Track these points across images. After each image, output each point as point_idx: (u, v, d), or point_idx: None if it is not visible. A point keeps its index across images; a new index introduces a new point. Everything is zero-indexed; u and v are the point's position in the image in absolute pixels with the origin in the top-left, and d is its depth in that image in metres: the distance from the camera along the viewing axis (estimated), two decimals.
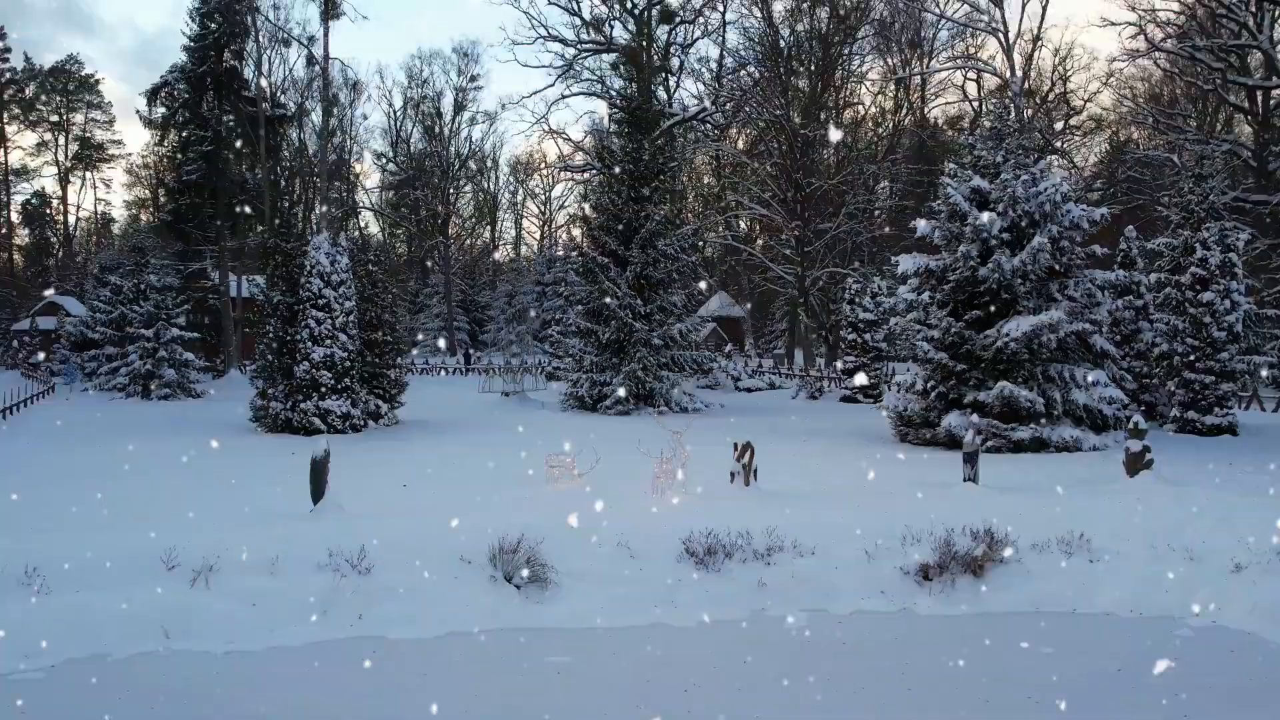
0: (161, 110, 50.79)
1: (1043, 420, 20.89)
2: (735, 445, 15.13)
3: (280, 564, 11.56)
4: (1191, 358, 24.27)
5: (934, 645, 10.55)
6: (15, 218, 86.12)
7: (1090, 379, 21.16)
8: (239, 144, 50.76)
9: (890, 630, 11.28)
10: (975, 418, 16.27)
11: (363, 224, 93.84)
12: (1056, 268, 21.67)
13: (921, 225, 22.88)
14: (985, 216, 21.10)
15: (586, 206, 35.40)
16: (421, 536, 12.76)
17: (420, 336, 75.55)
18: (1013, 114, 23.47)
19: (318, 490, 13.62)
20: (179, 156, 49.94)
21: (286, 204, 26.14)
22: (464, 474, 18.32)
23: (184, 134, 49.53)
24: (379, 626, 10.86)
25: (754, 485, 15.04)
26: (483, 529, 12.78)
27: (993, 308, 21.55)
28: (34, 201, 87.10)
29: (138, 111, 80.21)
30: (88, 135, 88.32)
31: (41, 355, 50.29)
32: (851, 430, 25.79)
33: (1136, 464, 15.89)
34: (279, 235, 26.84)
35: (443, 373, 52.76)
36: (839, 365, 42.72)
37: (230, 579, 11.25)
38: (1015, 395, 20.42)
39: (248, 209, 47.63)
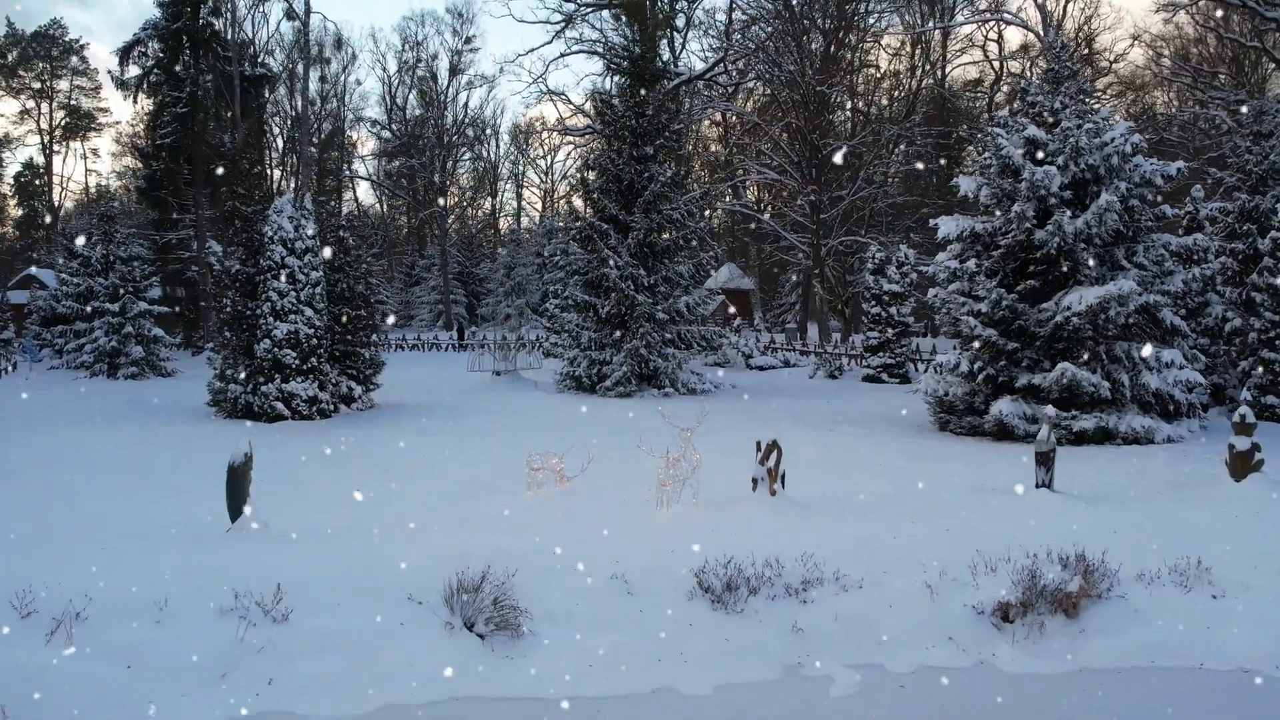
0: (135, 70, 47.71)
1: (1107, 407, 18.07)
2: (758, 445, 12.32)
3: (171, 608, 8.84)
4: (1272, 334, 21.35)
5: (1027, 717, 7.85)
6: (6, 189, 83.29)
7: (1165, 359, 18.31)
8: (220, 106, 47.72)
9: (969, 697, 8.55)
10: (1050, 410, 13.45)
11: (358, 195, 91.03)
12: (1124, 231, 18.75)
13: (965, 183, 19.96)
14: (1043, 170, 18.15)
15: (587, 175, 32.22)
16: (362, 566, 10.05)
17: (416, 311, 72.98)
18: (1055, 60, 20.28)
19: (235, 504, 10.86)
20: (156, 120, 46.91)
21: (246, 164, 23.38)
22: (431, 475, 15.55)
23: (158, 96, 46.45)
24: (291, 697, 8.14)
25: (780, 493, 12.25)
26: (442, 554, 10.14)
27: (1050, 277, 18.66)
28: (26, 174, 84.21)
29: (109, 72, 77.19)
30: (74, 103, 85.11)
31: (12, 331, 47.50)
32: (881, 416, 22.95)
33: (1244, 465, 13.07)
34: (239, 198, 23.95)
35: (435, 349, 49.96)
36: (857, 340, 39.85)
37: (102, 630, 8.52)
38: (1078, 379, 17.59)
39: (226, 174, 44.48)
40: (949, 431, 19.97)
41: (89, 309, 37.17)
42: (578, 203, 32.08)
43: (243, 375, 22.51)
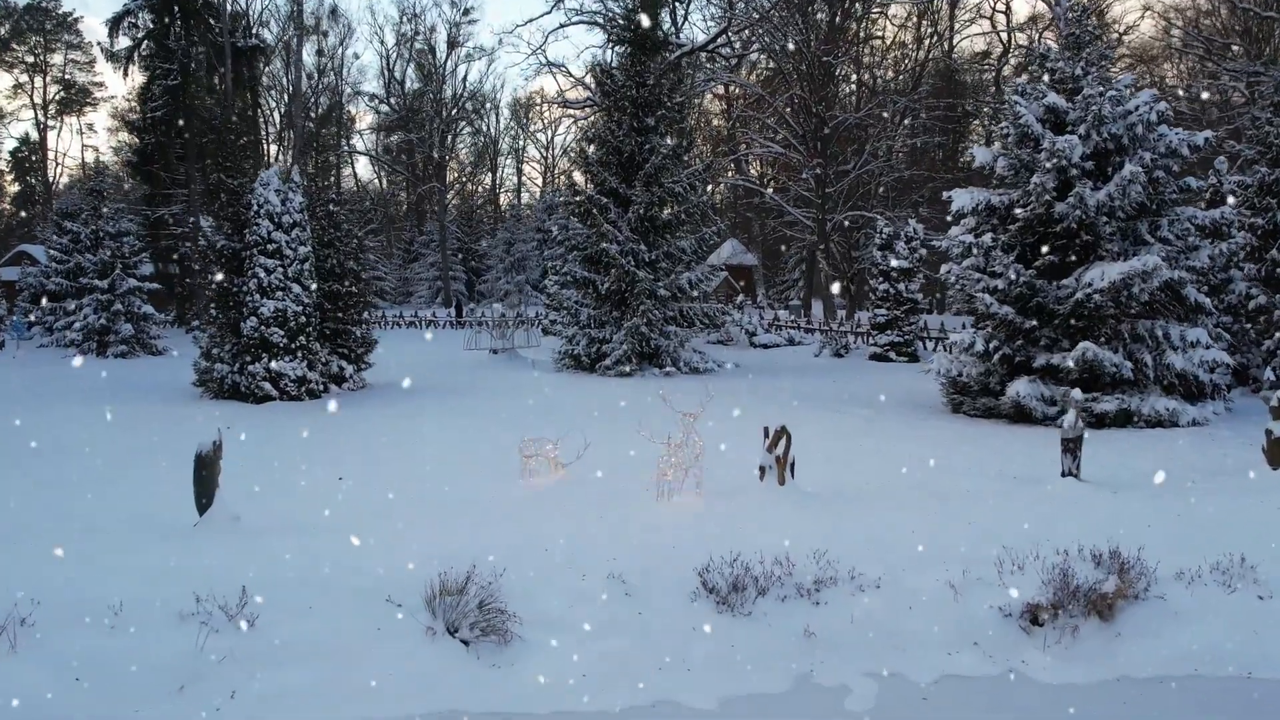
0: (126, 42, 46.66)
1: (1129, 389, 17.25)
2: (766, 430, 11.52)
3: (127, 613, 8.08)
4: None
5: None
6: (3, 165, 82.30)
7: (1190, 338, 17.48)
8: (213, 79, 46.68)
9: (998, 710, 7.80)
10: (1077, 394, 12.66)
11: (357, 171, 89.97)
12: (1148, 204, 17.87)
13: (980, 153, 19.09)
14: (1064, 139, 17.25)
15: (586, 147, 31.25)
16: (338, 564, 9.31)
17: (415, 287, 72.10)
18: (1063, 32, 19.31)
19: (204, 496, 10.09)
20: (147, 92, 45.92)
21: (234, 136, 22.57)
22: (419, 460, 14.77)
23: (149, 68, 45.42)
24: (255, 712, 7.40)
25: (790, 483, 11.46)
26: (425, 550, 9.41)
27: (1070, 252, 17.79)
28: (23, 149, 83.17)
29: (98, 44, 75.92)
30: (68, 77, 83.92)
31: (4, 308, 46.70)
32: (891, 396, 22.13)
33: None
34: (225, 170, 23.07)
35: (432, 326, 49.14)
36: (863, 318, 39.02)
37: (50, 637, 7.79)
38: (1099, 358, 16.77)
39: (214, 147, 43.41)
40: (962, 413, 19.17)
41: (79, 286, 36.38)
42: (578, 178, 31.09)
43: (229, 354, 21.73)
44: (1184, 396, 17.96)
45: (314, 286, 22.07)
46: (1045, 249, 18.07)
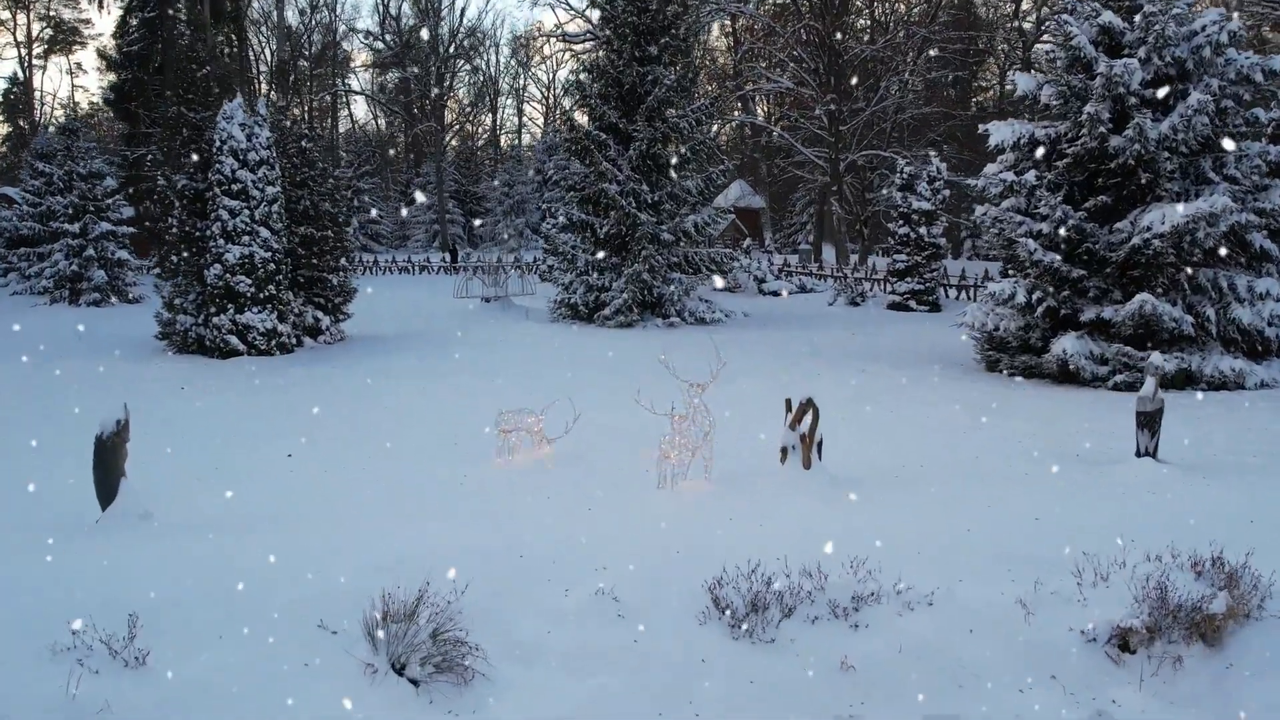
0: None
1: (1188, 346, 15.39)
2: (788, 403, 9.66)
3: None
4: None
5: None
6: None
7: (1259, 289, 15.55)
8: (194, 11, 44.14)
9: None
10: (1157, 358, 10.83)
11: (353, 113, 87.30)
12: (1213, 137, 15.81)
13: (1023, 80, 16.99)
14: (1122, 63, 15.15)
15: (583, 78, 28.99)
16: (262, 574, 7.50)
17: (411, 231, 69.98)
18: None
19: (106, 488, 8.28)
20: (124, 26, 43.51)
21: (194, 68, 20.33)
22: (387, 430, 12.95)
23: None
24: None
25: (816, 466, 9.64)
26: (373, 555, 7.67)
27: (1124, 192, 15.80)
28: (14, 90, 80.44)
29: None
30: (53, 14, 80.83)
31: None
32: (917, 351, 20.25)
33: None
34: (186, 103, 20.99)
35: (425, 271, 47.16)
36: (878, 264, 36.95)
37: None
38: (1158, 312, 14.85)
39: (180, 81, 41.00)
40: (999, 372, 17.30)
41: (51, 230, 34.47)
42: (581, 119, 28.86)
43: (193, 305, 19.88)
44: (1247, 355, 16.09)
45: (282, 230, 20.09)
46: (1096, 188, 16.06)
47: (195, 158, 20.54)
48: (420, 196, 65.46)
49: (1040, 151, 16.48)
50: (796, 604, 7.21)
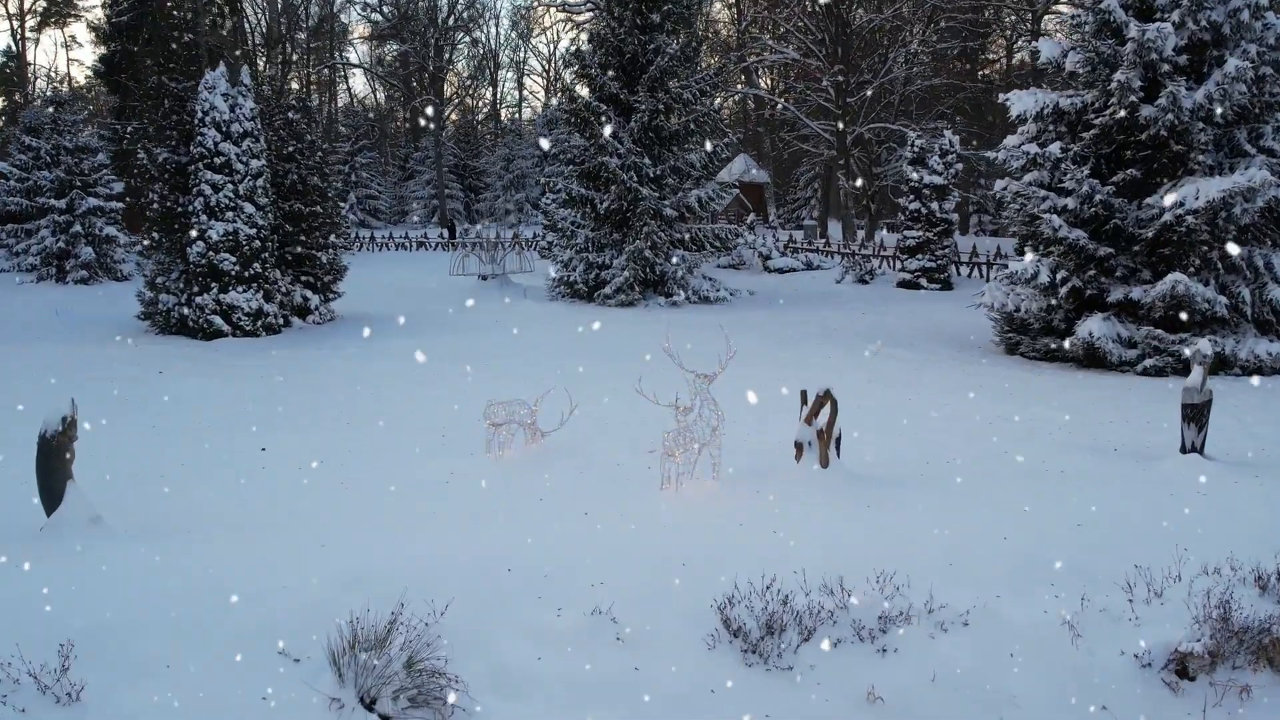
0: None
1: (1221, 328, 14.55)
2: (804, 395, 8.84)
3: None
4: None
5: None
6: None
7: None
8: None
9: None
10: (1205, 345, 10.03)
11: (351, 87, 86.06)
12: (1250, 107, 14.90)
13: (1046, 46, 16.08)
14: (1155, 28, 14.22)
15: (583, 47, 27.97)
16: (218, 589, 6.72)
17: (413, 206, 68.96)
18: None
19: (51, 491, 7.49)
20: None
21: (175, 35, 19.39)
22: (372, 420, 12.11)
23: None
24: None
25: (835, 464, 8.83)
26: (343, 568, 6.90)
27: (1154, 165, 14.91)
28: (11, 65, 79.21)
29: None
30: None
31: None
32: (931, 333, 19.41)
33: None
34: (167, 72, 20.05)
35: (423, 247, 46.24)
36: (887, 239, 36.00)
37: None
38: (1191, 292, 14.00)
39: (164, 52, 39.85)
40: (1020, 355, 16.48)
41: (37, 206, 33.55)
42: (582, 91, 27.85)
43: (176, 284, 19.04)
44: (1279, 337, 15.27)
45: (268, 205, 19.22)
46: (1124, 161, 15.16)
47: (175, 132, 19.67)
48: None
49: (1065, 123, 15.57)
50: (817, 625, 6.44)
